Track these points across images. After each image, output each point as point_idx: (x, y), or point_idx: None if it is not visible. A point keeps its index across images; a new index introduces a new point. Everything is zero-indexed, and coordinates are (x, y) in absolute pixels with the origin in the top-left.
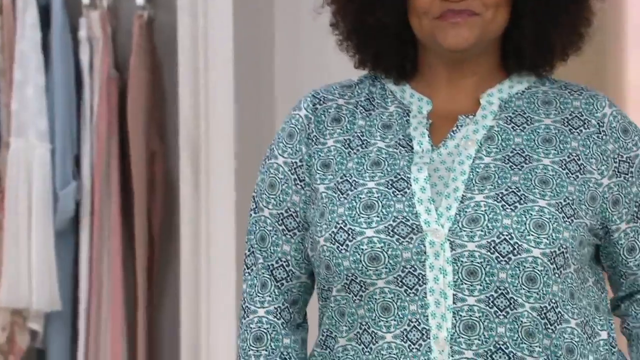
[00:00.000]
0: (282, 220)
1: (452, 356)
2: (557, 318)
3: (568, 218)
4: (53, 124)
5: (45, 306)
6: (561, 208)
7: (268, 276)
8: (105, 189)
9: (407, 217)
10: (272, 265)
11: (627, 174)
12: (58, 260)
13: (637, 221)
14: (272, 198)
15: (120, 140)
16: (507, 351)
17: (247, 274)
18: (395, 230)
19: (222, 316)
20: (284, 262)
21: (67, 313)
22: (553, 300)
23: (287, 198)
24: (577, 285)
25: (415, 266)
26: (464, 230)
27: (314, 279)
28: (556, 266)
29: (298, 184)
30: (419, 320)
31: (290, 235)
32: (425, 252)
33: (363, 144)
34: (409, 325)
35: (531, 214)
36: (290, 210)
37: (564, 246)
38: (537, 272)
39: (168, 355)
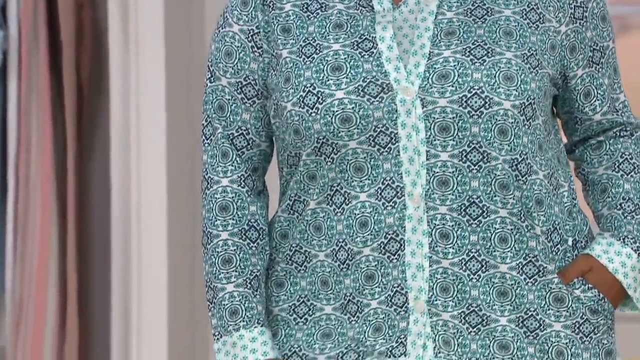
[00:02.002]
0: (240, 88)
1: (427, 212)
2: (527, 170)
3: (533, 69)
4: None
5: None
6: (527, 59)
7: (229, 145)
8: (33, 38)
9: (377, 77)
10: (232, 134)
11: (582, 19)
12: None
13: (592, 66)
14: (230, 67)
15: None
16: (480, 205)
17: (206, 145)
18: (365, 90)
19: (153, 159)
20: (244, 130)
21: None
22: (523, 152)
23: (245, 66)
24: (544, 137)
25: (387, 125)
26: (435, 87)
27: (272, 147)
28: (525, 117)
29: (255, 51)
30: (393, 179)
31: (249, 103)
32: (396, 111)
33: (322, 7)
34: (383, 183)
35: (500, 67)
36: (249, 79)
37: (532, 97)
38: (508, 124)
39: (99, 202)
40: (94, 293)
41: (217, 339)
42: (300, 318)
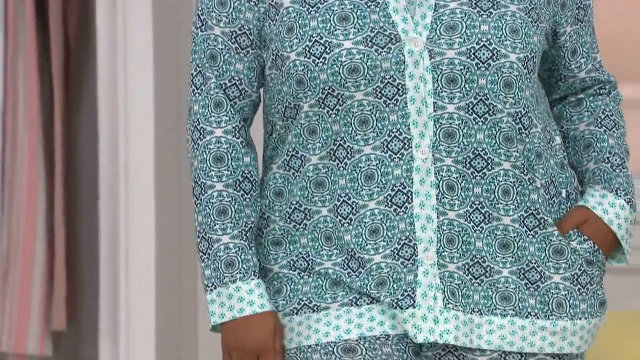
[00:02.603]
0: (235, 38)
1: (434, 164)
2: (529, 123)
3: (535, 22)
4: None
5: None
6: (529, 12)
7: (222, 95)
8: None
9: (385, 27)
10: (225, 84)
11: None
12: None
13: (577, 23)
14: (224, 16)
15: None
16: (485, 157)
17: (197, 94)
18: (373, 40)
19: (140, 112)
20: (237, 80)
21: None
22: (526, 106)
23: (240, 15)
24: (537, 90)
25: (395, 76)
26: (443, 38)
27: (260, 98)
28: (527, 71)
29: (251, 0)
30: (400, 130)
31: (243, 53)
32: (404, 62)
33: None
34: (389, 135)
35: (506, 19)
36: (243, 28)
37: (534, 50)
38: (513, 77)
39: (86, 155)
40: (82, 246)
41: (211, 290)
42: (304, 272)
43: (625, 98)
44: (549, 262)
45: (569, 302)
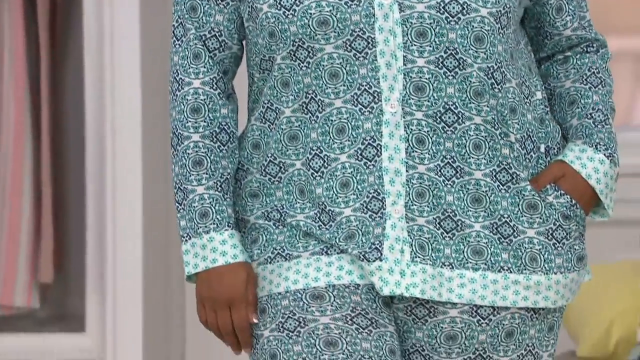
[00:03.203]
0: None
1: (404, 117)
2: (502, 78)
3: None
4: None
5: None
6: None
7: (201, 47)
8: None
9: None
10: (205, 35)
11: None
12: None
13: None
14: None
15: None
16: (456, 111)
17: (177, 46)
18: None
19: (126, 65)
20: (217, 32)
21: None
22: (498, 60)
23: None
24: (514, 46)
25: (364, 29)
26: None
27: (242, 51)
28: (500, 26)
29: None
30: (370, 84)
31: (223, 5)
32: (374, 15)
33: None
34: (359, 89)
35: None
36: None
37: (508, 5)
38: (485, 31)
39: (72, 110)
40: (69, 200)
41: (186, 240)
42: (278, 222)
43: (612, 51)
44: (522, 216)
45: (543, 256)
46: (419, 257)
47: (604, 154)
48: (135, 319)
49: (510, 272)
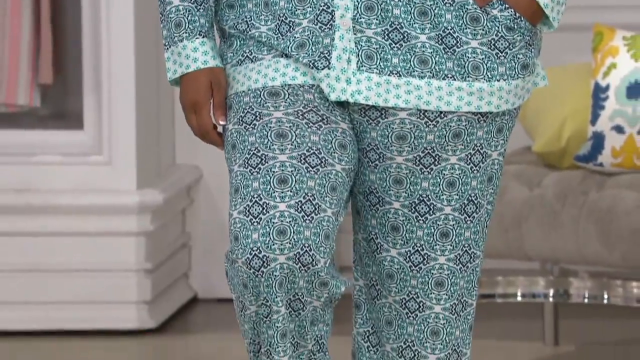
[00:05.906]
0: None
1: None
2: None
3: None
4: None
5: None
6: None
7: None
8: None
9: None
10: None
11: None
12: None
13: None
14: None
15: None
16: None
17: None
18: None
19: None
20: None
21: None
22: None
23: None
24: None
25: None
26: None
27: None
28: None
29: None
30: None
31: None
32: None
33: None
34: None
35: None
36: None
37: None
38: None
39: None
40: (66, 5)
41: (167, 48)
42: (243, 33)
43: None
44: (466, 28)
45: (485, 65)
46: (365, 66)
47: None
48: (129, 116)
49: (454, 79)
